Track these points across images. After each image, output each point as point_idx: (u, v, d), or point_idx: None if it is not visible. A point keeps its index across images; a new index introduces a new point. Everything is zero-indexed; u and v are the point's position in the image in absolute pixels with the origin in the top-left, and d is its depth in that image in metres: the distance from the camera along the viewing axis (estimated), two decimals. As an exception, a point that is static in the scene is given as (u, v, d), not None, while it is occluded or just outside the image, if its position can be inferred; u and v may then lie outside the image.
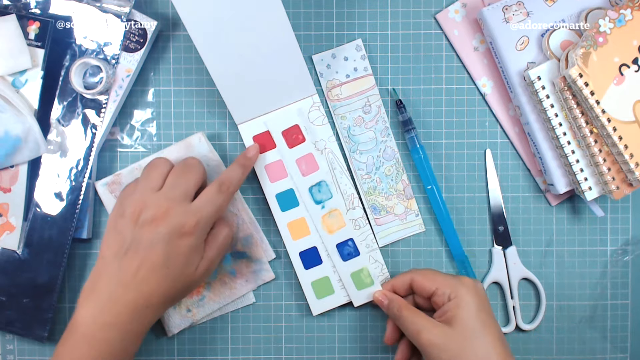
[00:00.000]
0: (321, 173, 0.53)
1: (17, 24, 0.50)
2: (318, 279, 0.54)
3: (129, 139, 0.55)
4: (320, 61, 0.55)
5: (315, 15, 0.55)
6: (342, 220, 0.53)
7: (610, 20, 0.48)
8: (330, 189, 0.53)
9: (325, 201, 0.53)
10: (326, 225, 0.53)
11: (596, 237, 0.56)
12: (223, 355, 0.56)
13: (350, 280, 0.54)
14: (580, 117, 0.49)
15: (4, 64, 0.50)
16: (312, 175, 0.53)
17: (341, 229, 0.53)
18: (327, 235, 0.53)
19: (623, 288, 0.56)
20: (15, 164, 0.51)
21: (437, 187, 0.54)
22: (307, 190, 0.53)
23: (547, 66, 0.50)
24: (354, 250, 0.53)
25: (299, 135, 0.53)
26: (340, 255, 0.53)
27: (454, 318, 0.46)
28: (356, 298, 0.54)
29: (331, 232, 0.53)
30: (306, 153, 0.54)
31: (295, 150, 0.53)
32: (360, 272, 0.54)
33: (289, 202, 0.54)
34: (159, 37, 0.55)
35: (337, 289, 0.54)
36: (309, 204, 0.53)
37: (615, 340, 0.56)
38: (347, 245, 0.53)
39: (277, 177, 0.54)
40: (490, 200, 0.55)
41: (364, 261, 0.54)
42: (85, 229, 0.53)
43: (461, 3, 0.55)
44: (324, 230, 0.53)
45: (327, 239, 0.53)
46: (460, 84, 0.55)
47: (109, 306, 0.43)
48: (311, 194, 0.53)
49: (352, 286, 0.54)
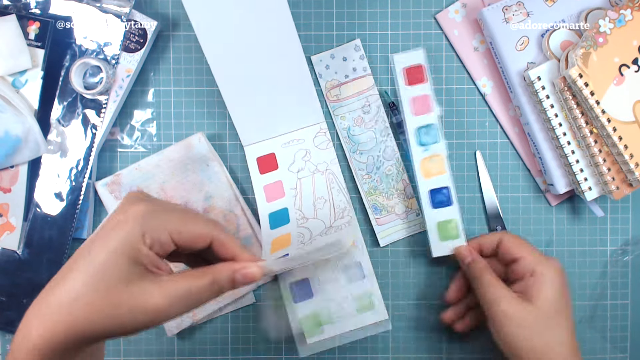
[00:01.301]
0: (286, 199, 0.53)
1: (17, 24, 0.50)
2: (308, 314, 0.51)
3: (129, 139, 0.55)
4: (319, 62, 0.55)
5: (315, 15, 0.55)
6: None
7: (610, 21, 0.48)
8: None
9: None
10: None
11: (596, 237, 0.56)
12: (223, 355, 0.56)
13: (435, 229, 0.52)
14: (580, 117, 0.49)
15: (4, 64, 0.50)
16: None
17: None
18: (422, 178, 0.52)
19: (623, 288, 0.56)
20: (16, 164, 0.51)
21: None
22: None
23: (547, 66, 0.50)
24: (447, 199, 0.52)
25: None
26: (431, 202, 0.52)
27: (536, 296, 0.44)
28: (437, 248, 0.52)
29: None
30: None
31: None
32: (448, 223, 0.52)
33: (280, 220, 0.53)
34: (159, 37, 0.55)
35: (334, 319, 0.51)
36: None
37: (615, 340, 0.56)
38: (440, 193, 0.52)
39: (274, 197, 0.54)
40: (485, 201, 0.55)
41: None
42: (86, 229, 0.53)
43: (461, 3, 0.55)
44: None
45: (422, 182, 0.52)
46: (460, 84, 0.55)
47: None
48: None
49: (435, 235, 0.52)
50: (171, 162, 0.53)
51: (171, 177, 0.54)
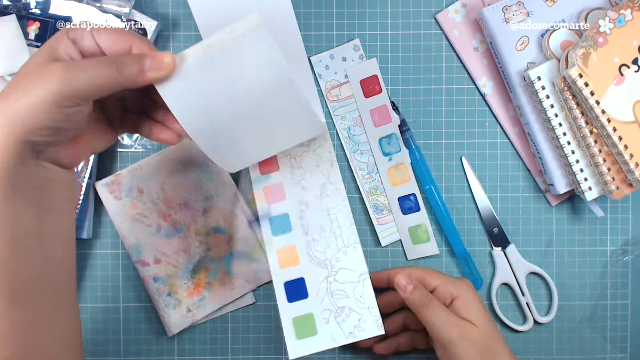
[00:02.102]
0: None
1: (17, 24, 0.50)
2: (300, 316, 0.51)
3: (129, 139, 0.55)
4: (319, 62, 0.55)
5: (315, 15, 0.55)
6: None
7: (610, 21, 0.48)
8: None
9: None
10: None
11: (596, 237, 0.56)
12: (223, 355, 0.55)
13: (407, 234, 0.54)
14: (580, 117, 0.49)
15: (3, 64, 0.50)
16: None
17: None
18: (390, 187, 0.53)
19: (623, 288, 0.56)
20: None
21: (435, 187, 0.54)
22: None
23: (547, 66, 0.50)
24: (414, 205, 0.54)
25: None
26: (401, 209, 0.53)
27: (471, 315, 0.47)
28: (411, 252, 0.54)
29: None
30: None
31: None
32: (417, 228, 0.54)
33: (282, 227, 0.53)
34: (159, 37, 0.55)
35: (321, 331, 0.50)
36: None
37: (615, 340, 0.56)
38: (408, 200, 0.53)
39: (274, 199, 0.53)
40: (478, 205, 0.55)
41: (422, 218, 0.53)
42: (85, 229, 0.53)
43: (461, 3, 0.55)
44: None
45: (390, 191, 0.53)
46: (460, 84, 0.55)
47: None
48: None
49: (408, 240, 0.54)
50: (171, 162, 0.53)
51: (171, 177, 0.54)
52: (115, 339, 0.55)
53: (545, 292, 0.56)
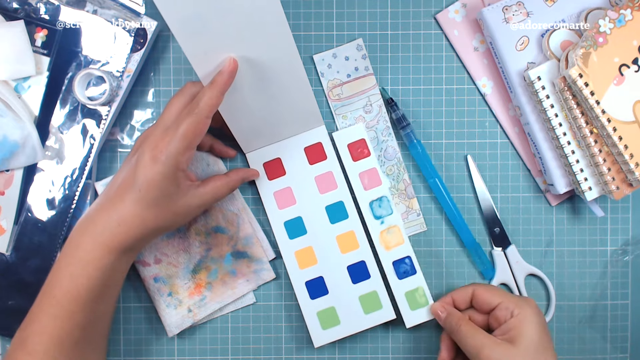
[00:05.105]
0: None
1: (25, 30, 0.50)
2: (324, 309, 0.53)
3: (129, 139, 0.55)
4: (321, 61, 0.55)
5: (315, 15, 0.55)
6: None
7: (610, 21, 0.48)
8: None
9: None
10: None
11: (596, 237, 0.56)
12: (223, 355, 0.55)
13: (404, 299, 0.53)
14: (580, 117, 0.49)
15: (8, 69, 0.50)
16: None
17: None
18: (384, 251, 0.53)
19: (623, 288, 0.56)
20: (11, 168, 0.51)
21: (439, 179, 0.54)
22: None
23: (547, 66, 0.50)
24: (410, 268, 0.53)
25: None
26: (396, 273, 0.53)
27: (519, 336, 0.45)
28: (409, 319, 0.53)
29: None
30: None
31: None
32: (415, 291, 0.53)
33: (297, 230, 0.53)
34: (159, 37, 0.55)
35: (344, 320, 0.53)
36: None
37: (615, 340, 0.56)
38: (403, 263, 0.53)
39: (285, 204, 0.53)
40: (481, 204, 0.55)
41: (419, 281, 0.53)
42: (85, 229, 0.53)
43: (461, 3, 0.55)
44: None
45: (384, 255, 0.53)
46: (460, 84, 0.55)
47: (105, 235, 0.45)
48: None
49: (406, 306, 0.53)
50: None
51: (171, 177, 0.53)
52: (115, 339, 0.55)
53: (544, 293, 0.56)
